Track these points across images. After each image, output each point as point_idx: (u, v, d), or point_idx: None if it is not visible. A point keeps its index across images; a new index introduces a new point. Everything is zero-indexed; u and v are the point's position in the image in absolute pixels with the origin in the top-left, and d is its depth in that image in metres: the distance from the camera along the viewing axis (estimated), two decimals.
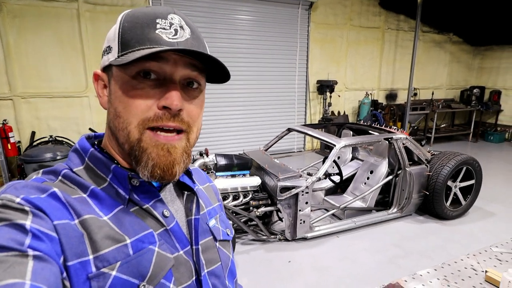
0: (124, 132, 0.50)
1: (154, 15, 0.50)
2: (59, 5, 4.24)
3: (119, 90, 0.50)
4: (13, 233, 0.39)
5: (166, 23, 0.49)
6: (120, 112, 0.50)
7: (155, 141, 0.50)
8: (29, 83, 4.29)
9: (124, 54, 0.49)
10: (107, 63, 0.52)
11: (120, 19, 0.52)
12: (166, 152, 0.50)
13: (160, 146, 0.50)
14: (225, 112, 5.56)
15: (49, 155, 3.53)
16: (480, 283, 1.12)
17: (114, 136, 0.53)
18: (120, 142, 0.52)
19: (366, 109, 6.49)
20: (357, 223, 3.21)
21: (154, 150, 0.50)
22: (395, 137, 3.32)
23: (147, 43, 0.48)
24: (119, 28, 0.50)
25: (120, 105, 0.50)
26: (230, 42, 5.33)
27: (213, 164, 3.00)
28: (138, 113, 0.49)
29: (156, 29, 0.49)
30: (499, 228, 3.30)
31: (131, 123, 0.49)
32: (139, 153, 0.50)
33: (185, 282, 0.54)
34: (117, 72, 0.51)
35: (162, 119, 0.49)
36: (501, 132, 7.32)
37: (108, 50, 0.52)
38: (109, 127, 0.55)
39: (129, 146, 0.51)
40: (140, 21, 0.49)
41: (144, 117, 0.49)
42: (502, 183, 4.61)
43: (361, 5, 6.33)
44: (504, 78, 7.53)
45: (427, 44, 7.40)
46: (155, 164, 0.50)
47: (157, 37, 0.48)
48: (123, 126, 0.50)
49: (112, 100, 0.52)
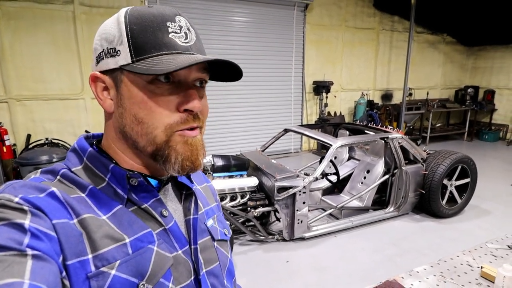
0: (149, 136, 0.51)
1: (162, 18, 0.49)
2: (55, 8, 4.22)
3: (137, 96, 0.50)
4: (11, 233, 0.39)
5: (176, 26, 0.50)
6: (142, 118, 0.50)
7: (183, 138, 0.53)
8: (25, 85, 4.26)
9: (140, 59, 0.48)
10: (114, 66, 0.50)
11: (122, 19, 0.49)
12: (192, 146, 0.54)
13: (188, 142, 0.53)
14: (222, 113, 5.56)
15: (45, 157, 3.51)
16: (475, 279, 1.14)
17: (129, 139, 0.53)
18: (140, 145, 0.52)
19: (362, 109, 6.52)
20: (355, 223, 3.22)
21: (182, 146, 0.53)
22: (391, 136, 3.34)
23: (164, 48, 0.48)
24: (126, 30, 0.49)
25: (141, 111, 0.50)
26: (225, 43, 5.34)
27: (211, 165, 3.00)
28: (163, 118, 0.50)
29: (168, 33, 0.49)
30: (495, 225, 3.33)
31: (157, 128, 0.51)
32: (168, 151, 0.52)
33: (184, 281, 0.54)
34: (132, 77, 0.50)
35: (188, 122, 0.52)
36: (495, 131, 7.38)
37: (112, 52, 0.50)
38: (119, 131, 0.54)
39: (154, 148, 0.52)
40: (150, 23, 0.48)
41: (170, 122, 0.51)
42: (497, 181, 4.66)
43: (356, 7, 6.38)
44: (498, 78, 7.60)
45: (421, 44, 7.46)
46: (185, 158, 0.53)
47: (172, 42, 0.49)
48: (147, 131, 0.51)
49: (127, 105, 0.51)
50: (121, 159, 0.55)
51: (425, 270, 1.21)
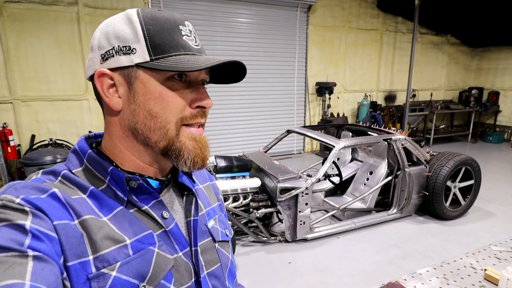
0: (162, 130, 0.53)
1: (175, 21, 0.52)
2: (59, 9, 4.26)
3: (155, 91, 0.51)
4: (13, 234, 0.39)
5: (187, 30, 0.53)
6: (157, 113, 0.52)
7: (190, 134, 0.55)
8: (29, 86, 4.29)
9: (160, 58, 0.50)
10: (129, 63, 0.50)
11: (136, 19, 0.50)
12: (199, 143, 0.56)
13: (195, 139, 0.56)
14: (224, 114, 5.56)
15: (49, 158, 3.53)
16: (479, 281, 1.12)
17: (139, 136, 0.53)
18: (153, 141, 0.53)
19: (365, 110, 6.49)
20: (357, 224, 3.21)
21: (191, 143, 0.55)
22: (394, 138, 3.32)
23: (181, 49, 0.51)
24: (142, 30, 0.50)
25: (156, 106, 0.52)
26: (228, 44, 5.35)
27: (213, 166, 3.00)
28: (177, 112, 0.53)
29: (182, 36, 0.52)
30: (499, 227, 3.30)
31: (170, 121, 0.53)
32: (180, 146, 0.54)
33: (185, 283, 0.54)
34: (150, 74, 0.51)
35: (197, 117, 0.55)
36: (500, 133, 7.32)
37: (126, 50, 0.50)
38: (128, 128, 0.54)
39: (166, 143, 0.54)
40: (165, 25, 0.51)
41: (181, 116, 0.54)
42: (501, 183, 4.62)
43: (359, 8, 6.36)
44: (502, 79, 7.55)
45: (425, 45, 7.42)
46: (196, 155, 0.56)
47: (186, 44, 0.52)
48: (161, 125, 0.52)
49: (141, 101, 0.52)
50: (125, 158, 0.55)
51: (428, 272, 1.20)
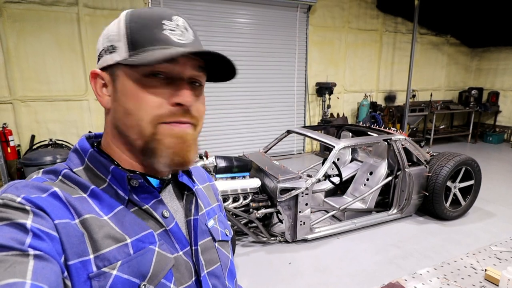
0: (136, 129, 0.51)
1: (159, 16, 0.51)
2: (59, 9, 4.26)
3: (129, 88, 0.51)
4: (13, 233, 0.39)
5: (173, 25, 0.51)
6: (131, 110, 0.51)
7: (171, 130, 0.52)
8: (29, 86, 4.29)
9: (135, 54, 0.49)
10: (112, 62, 0.52)
11: (123, 19, 0.52)
12: (181, 140, 0.53)
13: (176, 135, 0.52)
14: (224, 114, 5.56)
15: (48, 158, 3.53)
16: (479, 282, 1.12)
17: (122, 134, 0.54)
18: (130, 139, 0.53)
19: (365, 111, 6.49)
20: (357, 224, 3.21)
21: (171, 139, 0.52)
22: (394, 138, 3.32)
23: (157, 43, 0.50)
24: (126, 29, 0.51)
25: (130, 103, 0.51)
26: (228, 45, 5.35)
27: (213, 166, 3.00)
28: (151, 109, 0.51)
29: (163, 30, 0.50)
30: (499, 228, 3.30)
31: (143, 119, 0.51)
32: (155, 145, 0.52)
33: (186, 282, 0.54)
34: (127, 71, 0.51)
35: (176, 115, 0.52)
36: (499, 133, 7.33)
37: (111, 49, 0.52)
38: (114, 126, 0.55)
39: (143, 141, 0.52)
40: (147, 21, 0.50)
41: (157, 114, 0.51)
42: (501, 183, 4.62)
43: (359, 8, 6.37)
44: (502, 80, 7.55)
45: (424, 46, 7.43)
46: (174, 152, 0.52)
47: (166, 38, 0.50)
48: (134, 123, 0.51)
49: (120, 98, 0.52)
50: (120, 158, 0.55)
51: (428, 272, 1.20)
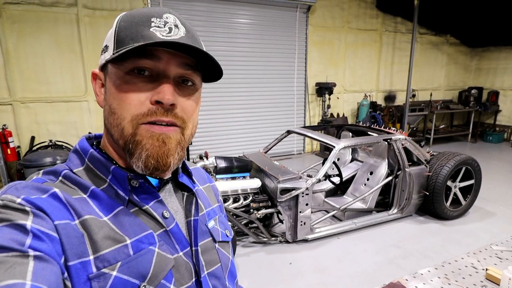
0: (118, 128, 0.51)
1: (149, 14, 0.51)
2: (59, 10, 4.26)
3: (113, 87, 0.51)
4: (13, 234, 0.39)
5: (161, 22, 0.50)
6: (114, 109, 0.51)
7: (150, 132, 0.50)
8: (29, 88, 4.29)
9: (119, 51, 0.49)
10: (104, 61, 0.53)
11: (117, 19, 0.53)
12: (161, 143, 0.50)
13: (155, 137, 0.50)
14: (224, 115, 5.56)
15: (48, 159, 3.52)
16: (480, 281, 1.12)
17: (109, 133, 0.54)
18: (114, 138, 0.53)
19: (365, 110, 6.49)
20: (358, 224, 3.20)
21: (149, 141, 0.50)
22: (394, 138, 3.32)
23: (141, 40, 0.49)
24: (115, 28, 0.52)
25: (114, 102, 0.51)
26: (228, 45, 5.35)
27: (213, 166, 3.00)
28: (131, 108, 0.49)
29: (150, 27, 0.50)
30: (499, 227, 3.30)
31: (124, 118, 0.50)
32: (133, 146, 0.50)
33: (186, 283, 0.54)
34: (112, 69, 0.51)
35: (156, 114, 0.49)
36: (499, 133, 7.33)
37: (105, 49, 0.53)
38: (105, 125, 0.56)
39: (123, 141, 0.51)
40: (135, 20, 0.51)
41: (137, 113, 0.49)
42: (501, 183, 4.61)
43: (359, 8, 6.37)
44: (502, 79, 7.55)
45: (424, 45, 7.43)
46: (149, 155, 0.50)
47: (151, 34, 0.49)
48: (117, 122, 0.51)
49: (107, 97, 0.53)
50: (116, 157, 0.56)
51: (429, 272, 1.20)
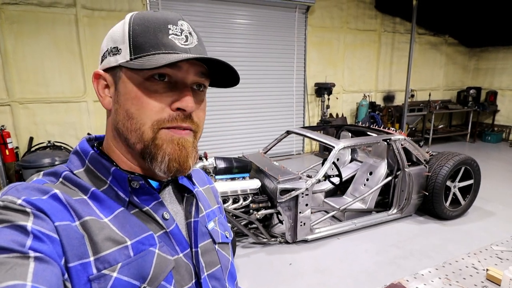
0: (138, 132, 0.51)
1: (165, 21, 0.51)
2: (57, 11, 4.25)
3: (131, 92, 0.51)
4: (14, 235, 0.39)
5: (177, 29, 0.51)
6: (133, 114, 0.51)
7: (170, 136, 0.52)
8: (27, 88, 4.28)
9: (138, 57, 0.49)
10: (115, 64, 0.52)
11: (128, 21, 0.52)
12: (181, 147, 0.53)
13: (175, 141, 0.52)
14: (224, 115, 5.56)
15: (47, 160, 3.52)
16: (481, 282, 1.12)
17: (123, 137, 0.54)
18: (131, 142, 0.53)
19: (364, 111, 6.50)
20: (358, 225, 3.20)
21: (169, 145, 0.52)
22: (394, 138, 3.33)
23: (162, 48, 0.49)
24: (129, 31, 0.51)
25: (132, 107, 0.51)
26: (227, 46, 5.35)
27: (213, 167, 2.99)
28: (152, 114, 0.51)
29: (168, 35, 0.50)
30: (499, 227, 3.30)
31: (145, 123, 0.51)
32: (154, 150, 0.52)
33: (186, 284, 0.54)
34: (129, 74, 0.51)
35: (177, 120, 0.52)
36: (498, 132, 7.35)
37: (115, 51, 0.52)
38: (115, 129, 0.55)
39: (142, 146, 0.52)
40: (151, 25, 0.50)
41: (158, 118, 0.51)
42: (500, 182, 4.62)
43: (357, 8, 6.38)
44: (500, 79, 7.58)
45: (423, 46, 7.45)
46: (171, 158, 0.52)
47: (170, 43, 0.50)
48: (136, 126, 0.51)
49: (122, 101, 0.52)
50: (119, 160, 0.56)
51: (430, 272, 1.20)
